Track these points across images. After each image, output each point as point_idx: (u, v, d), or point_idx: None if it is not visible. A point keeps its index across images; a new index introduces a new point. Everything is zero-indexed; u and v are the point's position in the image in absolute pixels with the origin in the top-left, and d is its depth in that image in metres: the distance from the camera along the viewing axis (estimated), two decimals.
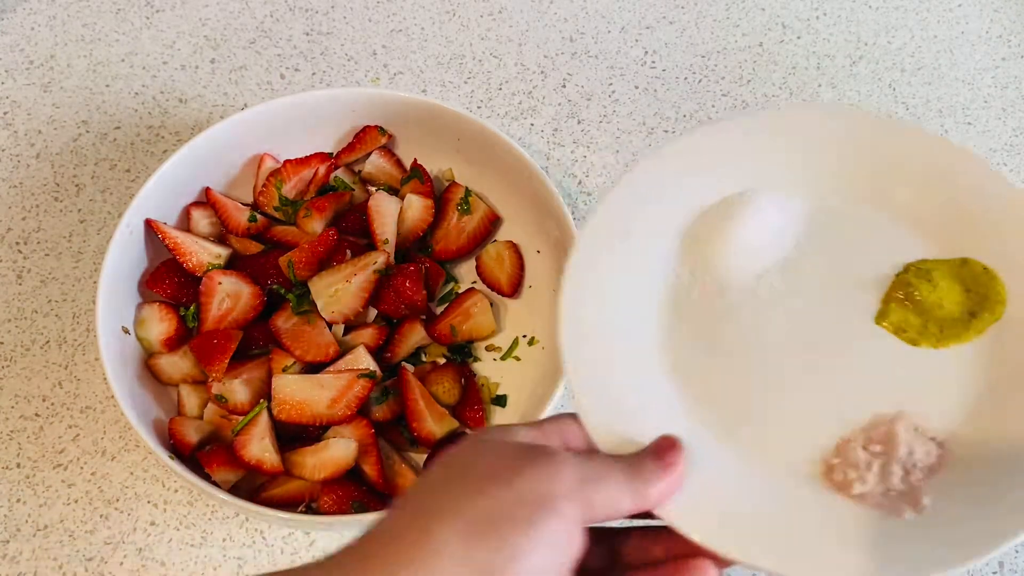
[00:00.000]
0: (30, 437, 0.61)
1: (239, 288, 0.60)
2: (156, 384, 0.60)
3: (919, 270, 0.53)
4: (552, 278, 0.65)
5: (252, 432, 0.56)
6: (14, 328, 0.65)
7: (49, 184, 0.70)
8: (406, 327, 0.62)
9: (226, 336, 0.58)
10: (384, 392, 0.59)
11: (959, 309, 0.53)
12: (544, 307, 0.64)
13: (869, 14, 0.83)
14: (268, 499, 0.56)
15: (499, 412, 0.62)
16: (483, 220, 0.66)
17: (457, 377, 0.61)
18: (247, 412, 0.57)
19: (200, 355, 0.58)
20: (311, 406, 0.56)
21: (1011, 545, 0.42)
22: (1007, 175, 0.66)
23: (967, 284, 0.53)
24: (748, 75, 0.79)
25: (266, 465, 0.55)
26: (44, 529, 0.58)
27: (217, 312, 0.59)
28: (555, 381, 0.56)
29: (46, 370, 0.63)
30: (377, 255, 0.60)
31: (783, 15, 0.83)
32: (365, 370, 0.58)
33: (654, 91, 0.78)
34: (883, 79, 0.80)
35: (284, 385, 0.57)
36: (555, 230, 0.63)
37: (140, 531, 0.59)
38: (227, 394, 0.57)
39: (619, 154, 0.74)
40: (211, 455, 0.56)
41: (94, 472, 0.60)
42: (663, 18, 0.82)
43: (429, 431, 0.59)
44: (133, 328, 0.60)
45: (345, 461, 0.56)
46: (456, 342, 0.63)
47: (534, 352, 0.64)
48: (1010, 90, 0.80)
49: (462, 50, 0.78)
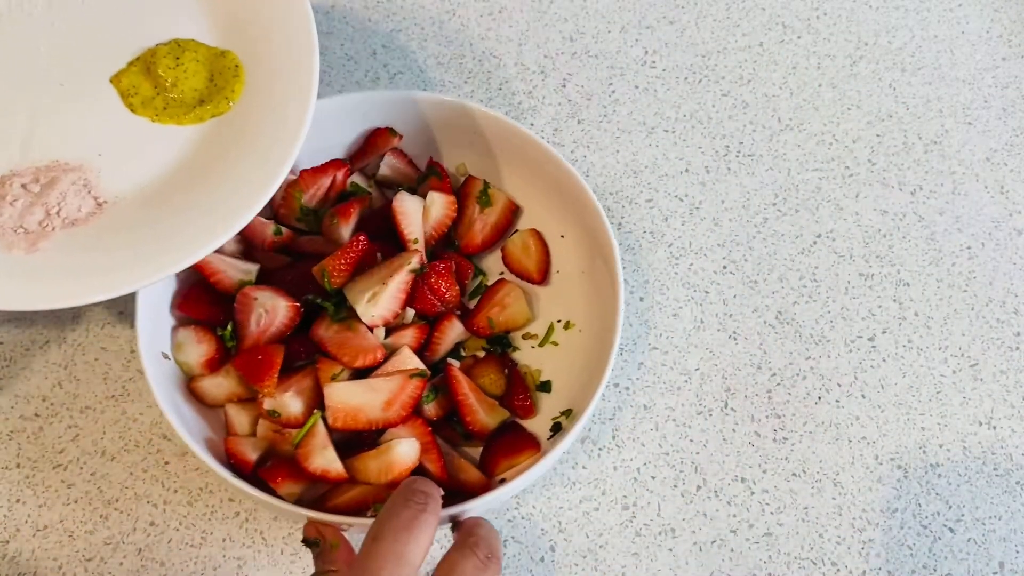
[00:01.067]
0: (30, 437, 0.61)
1: (275, 302, 0.59)
2: (199, 405, 0.59)
3: (176, 46, 0.55)
4: (579, 261, 0.65)
5: (312, 443, 0.56)
6: (14, 328, 0.65)
7: None
8: (444, 324, 0.62)
9: (270, 351, 0.58)
10: (432, 390, 0.59)
11: (194, 95, 0.55)
12: (574, 291, 0.65)
13: (869, 14, 0.83)
14: (334, 508, 0.56)
15: (545, 398, 0.62)
16: (504, 211, 0.66)
17: (500, 368, 0.62)
18: (301, 424, 0.57)
19: (247, 373, 0.57)
20: (365, 411, 0.56)
21: (75, 303, 0.48)
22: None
23: (214, 74, 0.55)
24: (748, 75, 0.79)
25: (332, 474, 0.55)
26: (44, 529, 0.58)
27: (255, 328, 0.59)
28: (602, 364, 0.57)
29: (46, 370, 0.63)
30: (411, 255, 0.60)
31: (783, 15, 0.83)
32: (416, 370, 0.58)
33: (654, 91, 0.78)
34: (883, 79, 0.80)
35: (336, 393, 0.56)
36: (578, 212, 0.63)
37: (140, 531, 0.59)
38: (279, 408, 0.57)
39: (619, 154, 0.74)
40: (274, 471, 0.55)
41: (94, 472, 0.60)
42: (663, 18, 0.82)
43: (483, 424, 0.59)
44: (171, 353, 0.59)
45: (411, 461, 0.55)
46: (494, 333, 0.64)
47: (571, 336, 0.64)
48: (1010, 90, 0.80)
49: (462, 50, 0.78)
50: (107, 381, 0.63)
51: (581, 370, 0.61)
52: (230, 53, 0.55)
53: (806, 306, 0.69)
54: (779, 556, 0.60)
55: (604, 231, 0.61)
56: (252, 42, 0.55)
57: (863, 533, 0.61)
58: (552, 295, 0.66)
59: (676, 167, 0.74)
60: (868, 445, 0.64)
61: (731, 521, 0.61)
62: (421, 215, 0.63)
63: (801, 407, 0.65)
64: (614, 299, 0.59)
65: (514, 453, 0.58)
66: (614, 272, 0.59)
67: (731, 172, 0.74)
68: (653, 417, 0.65)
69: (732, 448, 0.63)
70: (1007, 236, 0.73)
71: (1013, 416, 0.66)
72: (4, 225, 0.49)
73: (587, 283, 0.64)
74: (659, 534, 0.60)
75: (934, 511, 0.62)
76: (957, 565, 0.60)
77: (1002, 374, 0.67)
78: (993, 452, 0.64)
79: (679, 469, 0.63)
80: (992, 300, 0.70)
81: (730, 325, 0.68)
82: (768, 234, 0.72)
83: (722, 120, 0.77)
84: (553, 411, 0.61)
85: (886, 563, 0.60)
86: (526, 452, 0.58)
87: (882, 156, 0.76)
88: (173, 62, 0.54)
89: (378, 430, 0.57)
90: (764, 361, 0.67)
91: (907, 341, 0.68)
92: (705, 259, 0.70)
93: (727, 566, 0.60)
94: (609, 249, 0.60)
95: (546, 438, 0.59)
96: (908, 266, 0.71)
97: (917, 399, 0.66)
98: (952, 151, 0.77)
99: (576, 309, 0.65)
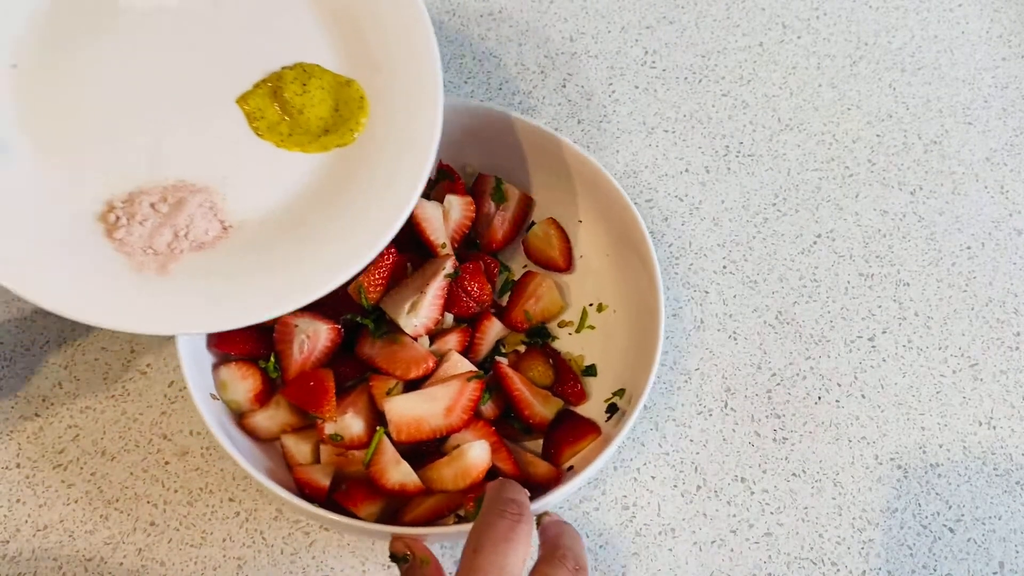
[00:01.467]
0: (30, 437, 0.61)
1: (315, 326, 0.58)
2: (249, 440, 0.58)
3: (303, 71, 0.54)
4: (600, 244, 0.66)
5: (383, 460, 0.55)
6: (14, 328, 0.65)
7: None
8: (484, 324, 0.62)
9: (320, 376, 0.57)
10: (485, 391, 0.59)
11: (319, 123, 0.54)
12: (600, 273, 0.66)
13: (869, 14, 0.83)
14: (412, 520, 0.56)
15: (593, 382, 0.63)
16: (520, 204, 0.67)
17: (545, 359, 0.62)
18: (365, 444, 0.57)
19: (302, 401, 0.57)
20: (427, 420, 0.56)
21: (199, 330, 0.48)
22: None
23: (339, 103, 0.54)
24: (748, 75, 0.79)
25: (410, 488, 0.55)
26: (44, 529, 0.58)
27: (299, 356, 0.58)
28: (651, 337, 0.58)
29: (46, 370, 0.63)
30: (444, 260, 0.60)
31: (783, 15, 0.83)
32: (472, 372, 0.57)
33: (654, 91, 0.78)
34: (883, 79, 0.80)
35: (396, 407, 0.56)
36: (594, 196, 0.64)
37: (140, 531, 0.59)
38: (342, 431, 0.56)
39: (619, 154, 0.74)
40: (350, 494, 0.55)
41: (94, 472, 0.60)
42: (663, 18, 0.82)
43: (541, 415, 0.60)
44: (217, 392, 0.58)
45: (484, 463, 0.55)
46: (532, 326, 0.64)
47: (606, 317, 0.65)
48: (1010, 90, 0.80)
49: (462, 50, 0.78)
50: (107, 381, 0.63)
51: (625, 349, 0.62)
52: (355, 83, 0.54)
53: (806, 306, 0.69)
54: (779, 556, 0.60)
55: (627, 209, 0.61)
56: (377, 72, 0.54)
57: (863, 533, 0.61)
58: (579, 280, 0.67)
59: (676, 167, 0.74)
60: (868, 445, 0.64)
61: (731, 521, 0.61)
62: (442, 219, 0.63)
63: (801, 407, 0.65)
64: (649, 273, 0.60)
65: (577, 440, 0.59)
66: (644, 247, 0.60)
67: (731, 172, 0.74)
68: (653, 417, 0.65)
69: (732, 448, 0.63)
70: (1007, 236, 0.73)
71: (1013, 416, 0.66)
72: (134, 245, 0.48)
73: (613, 264, 0.65)
74: (659, 534, 0.60)
75: (934, 511, 0.62)
76: (957, 565, 0.60)
77: (1002, 374, 0.67)
78: (993, 452, 0.64)
79: (679, 469, 0.63)
80: (992, 300, 0.70)
81: (730, 325, 0.68)
82: (768, 234, 0.72)
83: (722, 120, 0.77)
84: (603, 393, 0.61)
85: (886, 563, 0.60)
86: (588, 437, 0.59)
87: (882, 156, 0.76)
88: (300, 88, 0.53)
89: (440, 438, 0.57)
90: (764, 361, 0.67)
91: (907, 341, 0.68)
92: (705, 259, 0.70)
93: (727, 566, 0.60)
94: (635, 225, 0.61)
95: (604, 420, 0.60)
96: (908, 266, 0.71)
97: (917, 399, 0.66)
98: (952, 151, 0.77)
99: (606, 291, 0.65)
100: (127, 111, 0.50)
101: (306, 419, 0.58)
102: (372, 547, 0.59)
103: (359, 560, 0.58)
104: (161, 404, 0.63)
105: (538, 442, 0.61)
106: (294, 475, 0.57)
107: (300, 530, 0.59)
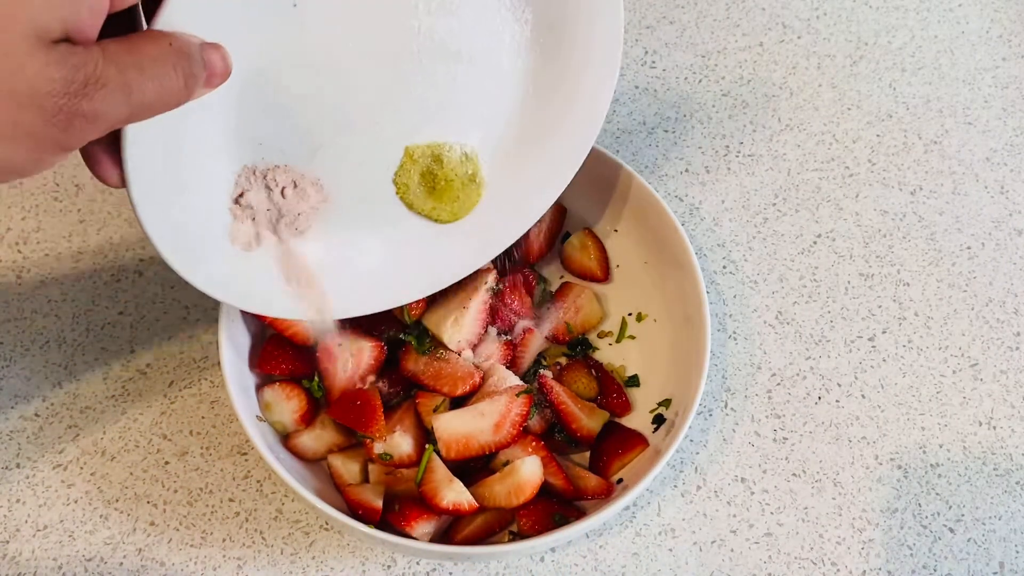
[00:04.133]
0: (30, 437, 0.61)
1: (359, 345, 0.58)
2: (294, 460, 0.58)
3: (466, 158, 0.57)
4: (636, 252, 0.66)
5: (435, 479, 0.54)
6: (14, 328, 0.65)
7: (48, 184, 0.70)
8: (527, 337, 0.62)
9: (367, 395, 0.57)
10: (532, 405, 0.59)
11: (452, 217, 0.58)
12: (640, 282, 0.66)
13: (869, 14, 0.83)
14: (465, 539, 0.55)
15: (637, 392, 0.63)
16: (554, 216, 0.66)
17: (588, 371, 0.62)
18: (415, 462, 0.56)
19: (350, 421, 0.56)
20: (477, 437, 0.55)
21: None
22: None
23: (461, 195, 0.57)
24: (748, 75, 0.79)
25: (464, 506, 0.53)
26: (44, 529, 0.58)
27: (343, 375, 0.58)
28: (699, 346, 0.58)
29: (46, 370, 0.63)
30: (486, 275, 0.60)
31: (783, 15, 0.83)
32: (521, 387, 0.57)
33: (654, 91, 0.78)
34: (883, 79, 0.80)
35: (445, 424, 0.55)
36: (628, 204, 0.64)
37: (140, 531, 0.59)
38: (391, 450, 0.56)
39: (619, 154, 0.74)
40: (404, 514, 0.54)
41: (94, 472, 0.60)
42: (663, 18, 0.82)
43: (588, 428, 0.59)
44: (262, 414, 0.58)
45: (538, 479, 0.54)
46: (573, 337, 0.64)
47: (647, 327, 0.65)
48: (1010, 90, 0.80)
49: None
50: (107, 381, 0.63)
51: (667, 358, 0.62)
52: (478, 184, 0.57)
53: (806, 306, 0.69)
54: (779, 556, 0.60)
55: (664, 215, 0.61)
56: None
57: (863, 533, 0.61)
58: (617, 290, 0.67)
59: (676, 167, 0.74)
60: (868, 445, 0.64)
61: (731, 521, 0.61)
62: None
63: (801, 407, 0.65)
64: (692, 280, 0.60)
65: (626, 451, 0.58)
66: (685, 255, 0.60)
67: (731, 172, 0.74)
68: None
69: (732, 448, 0.63)
70: (1007, 236, 0.73)
71: (1013, 416, 0.66)
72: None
73: (652, 272, 0.65)
74: (659, 534, 0.60)
75: (934, 511, 0.62)
76: (957, 565, 0.60)
77: (1002, 374, 0.67)
78: (993, 452, 0.64)
79: (679, 469, 0.63)
80: (992, 300, 0.70)
81: (730, 325, 0.68)
82: (768, 234, 0.72)
83: (722, 120, 0.77)
84: (648, 403, 0.61)
85: (886, 563, 0.60)
86: (636, 449, 0.58)
87: (882, 156, 0.76)
88: (453, 174, 0.55)
89: (489, 454, 0.56)
90: (764, 361, 0.67)
91: (907, 341, 0.68)
92: (705, 259, 0.70)
93: (727, 566, 0.60)
94: (673, 232, 0.61)
95: (651, 432, 0.60)
96: (908, 266, 0.71)
97: (917, 399, 0.66)
98: (952, 151, 0.77)
99: (645, 300, 0.65)
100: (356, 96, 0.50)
101: (352, 438, 0.58)
102: (372, 547, 0.59)
103: (359, 560, 0.58)
104: (161, 404, 0.63)
105: (584, 455, 0.60)
106: (346, 496, 0.56)
107: (300, 530, 0.59)
